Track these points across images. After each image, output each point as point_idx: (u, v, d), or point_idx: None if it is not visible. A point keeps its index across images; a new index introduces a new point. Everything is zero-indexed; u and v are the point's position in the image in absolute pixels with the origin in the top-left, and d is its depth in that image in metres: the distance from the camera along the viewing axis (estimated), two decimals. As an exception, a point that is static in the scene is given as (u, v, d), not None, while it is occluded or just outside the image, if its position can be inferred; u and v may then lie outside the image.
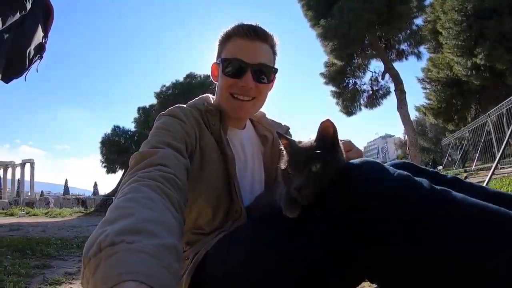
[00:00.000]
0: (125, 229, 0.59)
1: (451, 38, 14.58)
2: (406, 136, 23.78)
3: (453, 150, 22.64)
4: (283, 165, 0.99)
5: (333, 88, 21.06)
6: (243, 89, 1.28)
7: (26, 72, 2.41)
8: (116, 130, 21.51)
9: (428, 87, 21.38)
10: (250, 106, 1.35)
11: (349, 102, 20.85)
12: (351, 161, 0.96)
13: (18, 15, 2.01)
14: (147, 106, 23.34)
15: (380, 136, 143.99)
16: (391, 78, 18.55)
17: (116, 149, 20.43)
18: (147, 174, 0.84)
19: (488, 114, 14.22)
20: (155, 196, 0.75)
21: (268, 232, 1.01)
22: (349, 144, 1.19)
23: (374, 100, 20.71)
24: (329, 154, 0.93)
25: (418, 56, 18.90)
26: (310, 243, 0.90)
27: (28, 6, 2.05)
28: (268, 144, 1.49)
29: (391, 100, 19.83)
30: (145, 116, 22.33)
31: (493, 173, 6.81)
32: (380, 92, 20.59)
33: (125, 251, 0.54)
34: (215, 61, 1.39)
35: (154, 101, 23.51)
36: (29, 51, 2.29)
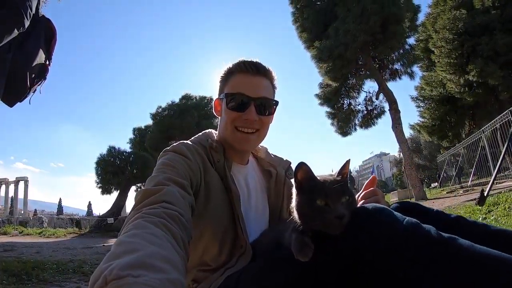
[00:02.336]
0: (131, 264, 0.59)
1: (443, 56, 14.80)
2: (401, 154, 23.93)
3: (448, 166, 22.77)
4: (305, 198, 0.96)
5: (328, 109, 21.26)
6: (247, 122, 1.32)
7: (30, 95, 2.41)
8: (112, 151, 21.49)
9: (422, 105, 21.61)
10: (254, 138, 1.38)
11: (344, 122, 21.02)
12: (363, 205, 0.99)
13: (16, 32, 2.00)
14: (143, 127, 23.49)
15: (375, 155, 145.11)
16: (385, 98, 18.72)
17: (112, 169, 20.34)
18: (152, 211, 0.85)
19: (482, 130, 14.36)
20: (159, 233, 0.75)
21: (277, 275, 1.01)
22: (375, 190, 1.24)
23: (369, 120, 20.88)
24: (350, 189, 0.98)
25: (411, 75, 19.17)
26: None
27: (27, 23, 2.04)
28: (272, 179, 1.51)
29: (386, 119, 20.05)
30: (141, 136, 22.44)
31: (490, 189, 6.82)
32: (375, 112, 20.80)
33: (131, 284, 0.55)
34: (217, 97, 1.43)
35: (149, 122, 23.71)
36: (30, 73, 2.29)
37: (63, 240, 13.96)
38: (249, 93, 1.30)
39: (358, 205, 1.02)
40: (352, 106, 21.16)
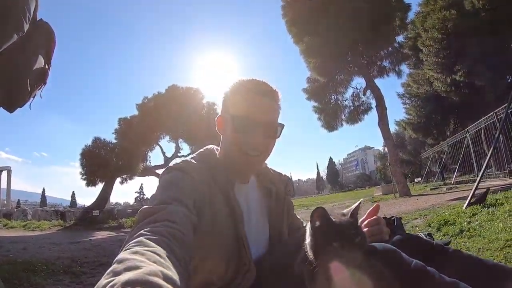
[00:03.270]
0: (132, 281, 0.59)
1: (431, 55, 14.99)
2: (386, 149, 24.26)
3: (432, 163, 23.24)
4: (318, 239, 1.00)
5: (315, 104, 21.39)
6: (253, 145, 1.32)
7: (30, 100, 2.41)
8: (97, 141, 21.08)
9: (408, 102, 21.92)
10: (259, 161, 1.40)
11: (331, 117, 21.25)
12: (373, 244, 1.07)
13: (15, 36, 1.98)
14: (128, 117, 23.09)
15: (360, 148, 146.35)
16: (372, 94, 18.90)
17: (97, 161, 19.98)
18: (155, 229, 0.85)
19: (467, 130, 14.67)
20: (161, 251, 0.76)
21: None
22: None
23: (355, 115, 21.12)
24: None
25: (399, 74, 19.44)
26: None
27: (26, 27, 2.02)
28: (273, 197, 1.52)
29: (372, 114, 20.31)
30: (126, 127, 22.06)
31: (476, 188, 6.98)
32: (362, 108, 21.04)
33: None
34: (221, 114, 1.42)
35: (135, 112, 23.38)
36: (30, 78, 2.28)
37: (48, 233, 13.77)
38: (257, 116, 1.30)
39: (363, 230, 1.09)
40: (339, 102, 21.41)
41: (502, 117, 10.89)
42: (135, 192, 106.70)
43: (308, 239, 1.02)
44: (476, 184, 6.94)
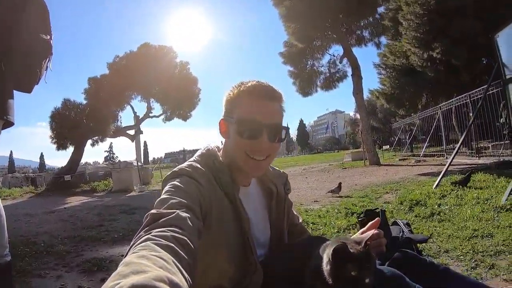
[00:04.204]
0: (138, 285, 0.60)
1: (410, 30, 15.03)
2: (358, 116, 24.62)
3: (402, 133, 23.92)
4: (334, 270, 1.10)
5: (291, 68, 21.34)
6: (260, 150, 1.31)
7: (44, 74, 2.43)
8: (67, 103, 20.09)
9: (383, 73, 22.04)
10: (265, 164, 1.38)
11: (306, 83, 21.29)
12: (381, 268, 1.20)
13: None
14: (99, 77, 22.23)
15: (331, 112, 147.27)
16: (349, 63, 19.03)
17: (67, 124, 19.14)
18: (161, 234, 0.86)
19: (440, 107, 15.06)
20: (167, 257, 0.76)
21: None
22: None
23: (330, 82, 21.24)
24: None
25: (378, 45, 19.63)
26: None
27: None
28: (274, 198, 1.52)
29: (347, 81, 20.54)
30: (96, 87, 21.25)
31: (450, 164, 7.32)
32: (337, 75, 21.18)
33: None
34: (224, 117, 1.38)
35: (106, 71, 22.52)
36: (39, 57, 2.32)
37: (20, 202, 13.38)
38: (263, 121, 1.28)
39: (358, 235, 1.25)
40: (315, 68, 21.41)
41: (475, 99, 11.29)
42: (105, 152, 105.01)
43: (327, 266, 1.11)
44: (446, 166, 7.26)
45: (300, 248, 1.35)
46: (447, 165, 7.28)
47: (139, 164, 17.78)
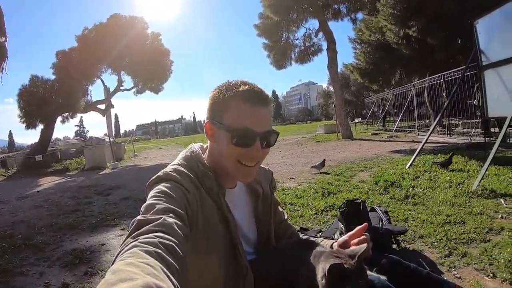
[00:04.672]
0: None
1: (388, 7, 15.01)
2: (331, 88, 24.80)
3: (375, 107, 24.31)
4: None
5: (266, 41, 21.12)
6: (251, 157, 1.26)
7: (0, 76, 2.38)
8: (35, 80, 19.17)
9: (358, 48, 22.07)
10: (256, 170, 1.33)
11: (281, 56, 21.14)
12: (371, 278, 1.25)
13: None
14: (67, 50, 21.33)
15: (303, 83, 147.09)
16: (324, 37, 18.95)
17: (36, 101, 18.28)
18: (148, 240, 0.85)
19: (413, 84, 15.30)
20: (155, 263, 0.75)
21: None
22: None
23: (305, 56, 21.13)
24: None
25: (354, 21, 19.54)
26: None
27: None
28: (260, 198, 1.50)
29: (322, 54, 20.56)
30: (65, 60, 20.37)
31: (426, 141, 7.51)
32: (312, 49, 21.05)
33: None
34: (210, 119, 1.30)
35: (74, 44, 21.61)
36: None
37: None
38: (255, 127, 1.22)
39: (351, 248, 1.25)
40: (290, 41, 21.19)
41: (449, 79, 11.53)
42: (75, 126, 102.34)
43: (323, 281, 1.13)
44: (419, 147, 7.44)
45: (290, 253, 1.36)
46: (420, 146, 7.47)
47: (112, 139, 17.40)
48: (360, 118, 33.44)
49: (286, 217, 1.72)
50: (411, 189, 5.15)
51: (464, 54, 13.90)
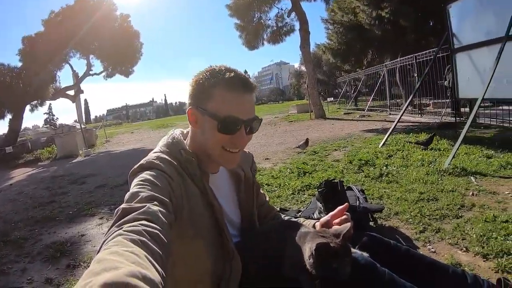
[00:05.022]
0: (110, 282, 0.59)
1: (361, -12, 15.09)
2: (303, 68, 24.84)
3: (347, 87, 24.59)
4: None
5: (238, 21, 20.88)
6: (236, 143, 1.29)
7: None
8: (1, 68, 18.22)
9: (331, 28, 22.06)
10: (239, 155, 1.36)
11: (253, 36, 20.96)
12: (355, 255, 1.29)
13: None
14: (33, 35, 20.39)
15: (275, 63, 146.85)
16: (297, 17, 18.90)
17: (3, 90, 17.30)
18: (133, 229, 0.84)
19: (385, 65, 15.52)
20: (139, 251, 0.75)
21: None
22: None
23: (277, 36, 21.03)
24: None
25: (327, 1, 19.60)
26: None
27: None
28: (242, 182, 1.53)
29: (294, 35, 20.61)
30: (31, 46, 19.43)
31: (399, 120, 7.70)
32: (284, 29, 20.94)
33: None
34: (193, 104, 1.29)
35: (41, 28, 20.67)
36: None
37: None
38: (241, 115, 1.24)
39: (335, 227, 1.31)
40: (262, 21, 20.99)
41: (420, 61, 11.75)
42: (44, 114, 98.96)
43: (310, 260, 1.18)
44: (392, 127, 7.61)
45: (275, 234, 1.40)
46: (392, 126, 7.63)
47: (83, 126, 16.97)
48: (332, 98, 33.70)
49: (267, 199, 1.76)
50: (384, 167, 5.26)
51: (435, 35, 14.15)
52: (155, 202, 1.00)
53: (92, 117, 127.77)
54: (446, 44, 7.01)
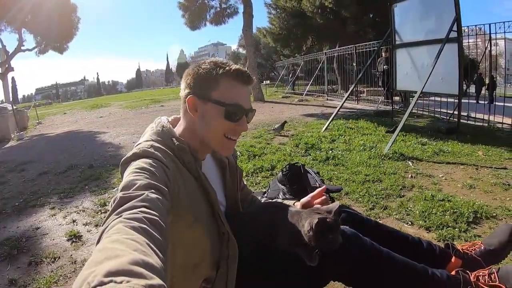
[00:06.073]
0: (113, 270, 0.60)
1: (307, -24, 15.42)
2: (241, 50, 24.80)
3: (286, 71, 25.12)
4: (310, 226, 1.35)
5: (182, 0, 20.48)
6: (238, 131, 1.36)
7: None
8: None
9: (273, 13, 22.29)
10: (235, 144, 1.43)
11: (196, 16, 20.61)
12: (344, 230, 1.48)
13: None
14: None
15: (212, 43, 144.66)
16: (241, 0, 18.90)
17: None
18: (133, 216, 0.84)
19: (325, 52, 16.09)
20: (141, 239, 0.76)
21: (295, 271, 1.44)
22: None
23: (220, 17, 20.82)
24: None
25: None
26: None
27: None
28: (227, 169, 1.58)
29: (237, 17, 20.62)
30: None
31: (340, 108, 8.21)
32: (228, 11, 20.78)
33: None
34: (194, 94, 1.31)
35: None
36: None
37: None
38: (245, 104, 1.31)
39: (326, 206, 1.45)
40: (206, 1, 20.82)
41: (359, 51, 12.43)
42: None
43: (310, 233, 1.33)
44: (335, 112, 8.05)
45: (263, 217, 1.53)
46: (335, 112, 8.07)
47: (14, 107, 15.65)
48: (269, 81, 34.20)
49: (245, 182, 1.85)
50: (330, 151, 5.60)
51: (374, 28, 14.95)
52: (153, 190, 1.01)
53: (20, 96, 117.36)
54: (389, 39, 7.58)
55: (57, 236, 3.50)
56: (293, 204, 1.61)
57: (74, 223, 3.78)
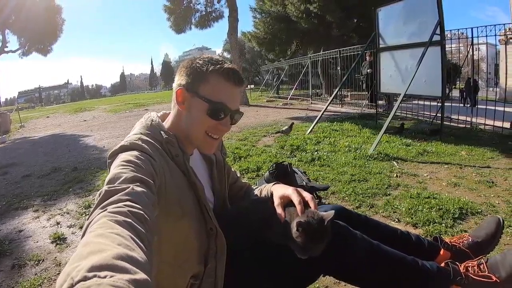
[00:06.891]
0: (97, 265, 0.59)
1: (291, -19, 15.53)
2: (225, 54, 24.87)
3: (270, 75, 25.25)
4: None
5: (168, 3, 20.42)
6: (220, 130, 1.35)
7: None
8: None
9: (259, 17, 22.33)
10: (217, 143, 1.42)
11: (181, 19, 20.57)
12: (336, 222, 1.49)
13: None
14: None
15: (197, 47, 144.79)
16: (226, 3, 18.91)
17: None
18: (118, 210, 0.83)
19: (309, 56, 16.22)
20: (125, 233, 0.75)
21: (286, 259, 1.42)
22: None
23: (206, 21, 20.82)
24: None
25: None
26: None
27: None
28: (214, 165, 1.58)
29: (222, 21, 20.63)
30: None
31: (325, 111, 8.23)
32: (213, 14, 20.81)
33: (98, 285, 0.56)
34: (184, 86, 1.31)
35: None
36: None
37: None
38: (230, 105, 1.31)
39: (321, 213, 1.41)
40: (191, 5, 20.75)
41: (344, 55, 12.57)
42: None
43: (296, 234, 1.32)
44: (319, 115, 8.10)
45: (254, 215, 1.51)
46: (319, 115, 8.12)
47: None
48: (253, 85, 34.32)
49: (238, 175, 1.83)
50: (315, 152, 5.64)
51: (358, 32, 15.10)
52: (139, 183, 1.00)
53: (2, 100, 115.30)
54: (373, 42, 7.69)
55: (41, 238, 3.44)
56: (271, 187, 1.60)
57: (58, 225, 3.72)
